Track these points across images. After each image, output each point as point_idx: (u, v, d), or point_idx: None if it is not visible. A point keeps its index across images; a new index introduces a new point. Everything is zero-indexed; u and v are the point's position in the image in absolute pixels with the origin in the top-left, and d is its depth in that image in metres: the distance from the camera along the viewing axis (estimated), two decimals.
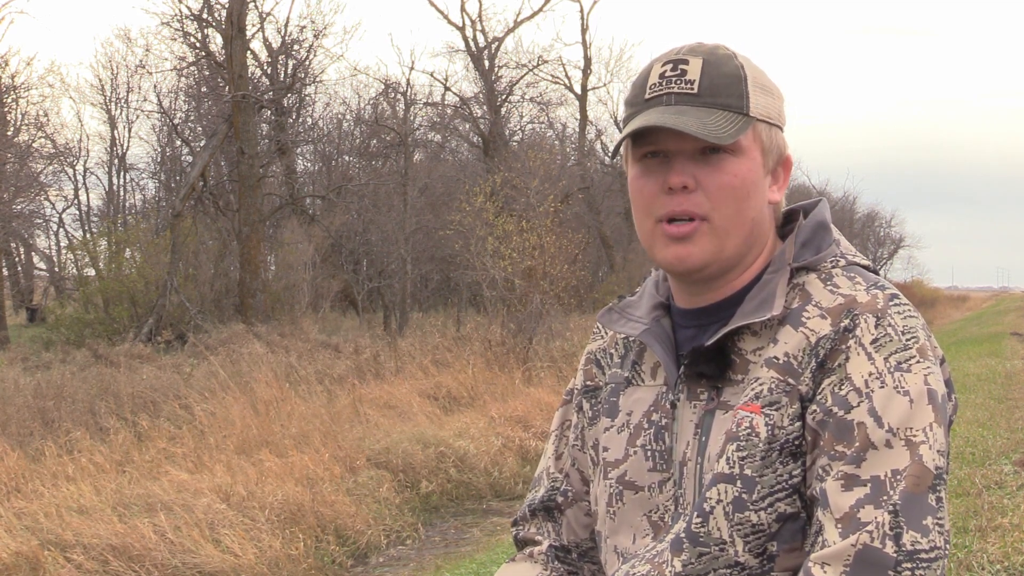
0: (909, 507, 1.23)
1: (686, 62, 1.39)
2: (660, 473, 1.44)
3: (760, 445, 1.31)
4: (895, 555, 1.21)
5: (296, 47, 26.51)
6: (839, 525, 1.24)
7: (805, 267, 1.40)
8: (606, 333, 1.62)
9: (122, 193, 35.49)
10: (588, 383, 1.61)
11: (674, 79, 1.38)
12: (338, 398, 10.82)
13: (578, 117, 35.06)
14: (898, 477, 1.24)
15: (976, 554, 4.98)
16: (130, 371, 12.84)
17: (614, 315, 1.55)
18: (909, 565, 1.22)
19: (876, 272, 1.42)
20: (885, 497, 1.23)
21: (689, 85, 1.37)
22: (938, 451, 1.26)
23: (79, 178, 35.14)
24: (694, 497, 1.38)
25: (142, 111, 33.32)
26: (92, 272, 23.76)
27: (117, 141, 34.63)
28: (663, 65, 1.40)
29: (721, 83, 1.37)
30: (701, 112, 1.35)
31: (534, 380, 13.11)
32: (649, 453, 1.45)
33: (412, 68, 44.11)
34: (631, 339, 1.55)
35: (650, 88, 1.39)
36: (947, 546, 1.25)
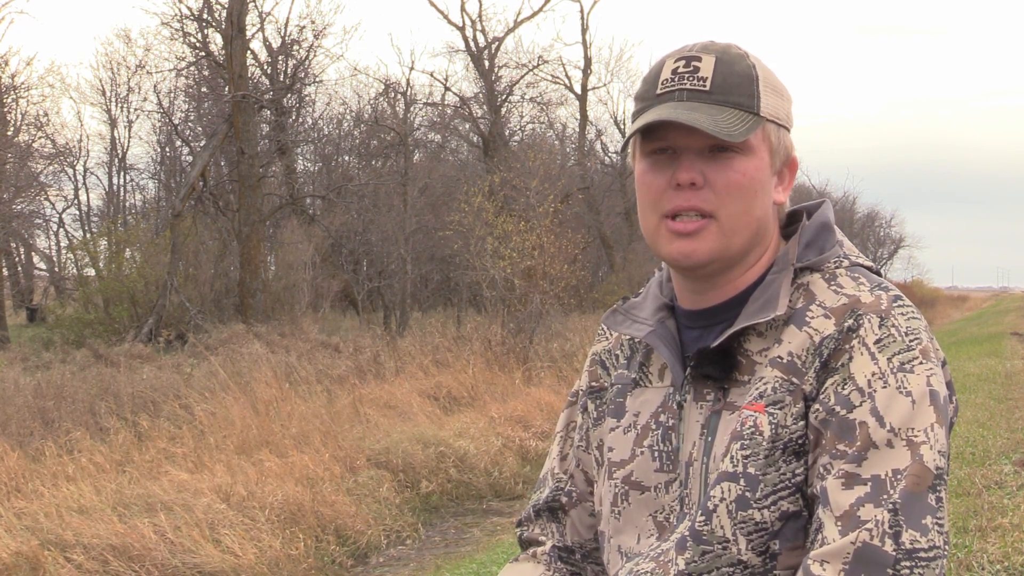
0: (909, 506, 1.23)
1: (699, 59, 1.39)
2: (666, 474, 1.44)
3: (764, 444, 1.32)
4: (894, 553, 1.22)
5: (296, 47, 26.53)
6: (839, 523, 1.25)
7: (809, 267, 1.41)
8: (610, 335, 1.62)
9: (122, 193, 35.55)
10: (593, 384, 1.61)
11: (686, 75, 1.38)
12: (338, 398, 10.81)
13: (578, 117, 35.11)
14: (898, 476, 1.24)
15: (976, 554, 4.98)
16: (130, 371, 12.84)
17: (619, 317, 1.55)
18: (908, 563, 1.22)
19: (879, 274, 1.43)
20: (885, 496, 1.24)
21: (701, 82, 1.37)
22: (939, 451, 1.27)
23: (79, 178, 35.22)
24: (699, 497, 1.38)
25: (142, 111, 33.42)
26: (92, 272, 23.78)
27: (117, 141, 34.70)
28: (676, 61, 1.40)
29: (733, 82, 1.37)
30: (713, 109, 1.35)
31: (534, 380, 13.11)
32: (656, 454, 1.45)
33: (412, 68, 44.26)
34: (637, 341, 1.55)
35: (662, 84, 1.39)
36: (946, 546, 1.25)
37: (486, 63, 32.17)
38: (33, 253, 33.80)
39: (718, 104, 1.36)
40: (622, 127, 36.08)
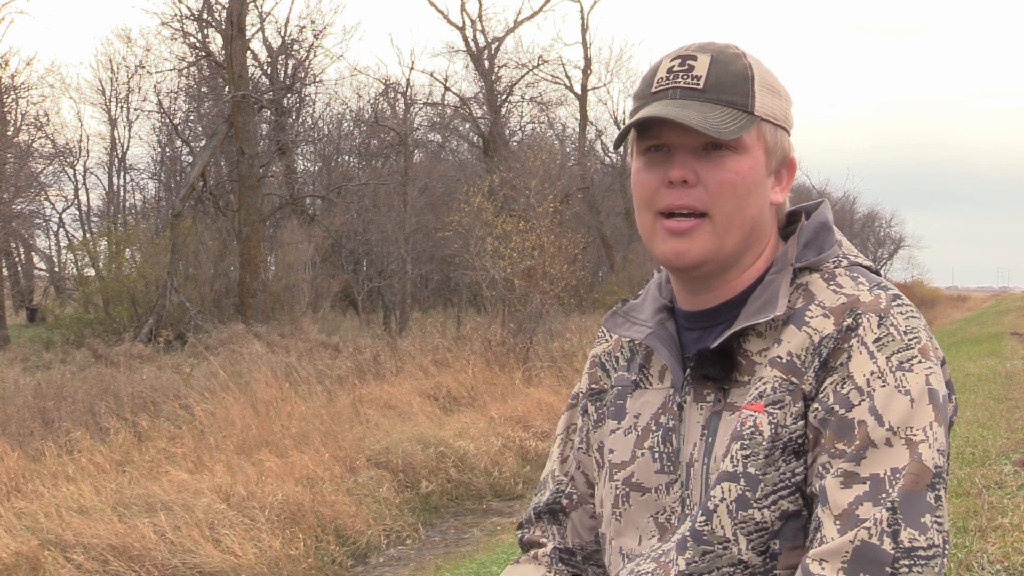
0: (907, 505, 1.23)
1: (694, 58, 1.40)
2: (667, 475, 1.44)
3: (764, 443, 1.32)
4: (893, 552, 1.22)
5: (296, 47, 26.53)
6: (838, 522, 1.25)
7: (808, 267, 1.41)
8: (610, 337, 1.62)
9: (122, 193, 35.53)
10: (593, 386, 1.61)
11: (681, 74, 1.39)
12: (338, 398, 10.82)
13: (578, 117, 35.11)
14: (897, 475, 1.24)
15: (976, 554, 4.98)
16: (130, 371, 12.84)
17: (618, 319, 1.56)
18: (907, 562, 1.22)
19: (878, 273, 1.43)
20: (884, 495, 1.24)
21: (696, 81, 1.38)
22: (938, 450, 1.27)
23: (79, 178, 35.22)
24: (700, 498, 1.38)
25: (142, 111, 33.39)
26: (92, 272, 23.77)
27: (117, 141, 34.67)
28: (672, 60, 1.41)
29: (728, 81, 1.38)
30: (705, 107, 1.36)
31: (534, 380, 13.11)
32: (657, 455, 1.46)
33: (412, 68, 44.19)
34: (636, 343, 1.55)
35: (657, 82, 1.40)
36: (946, 545, 1.25)
37: (486, 63, 32.18)
38: (33, 253, 33.80)
39: (711, 102, 1.37)
40: (622, 127, 35.99)
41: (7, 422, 9.11)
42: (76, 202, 35.19)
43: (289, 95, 26.51)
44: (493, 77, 32.22)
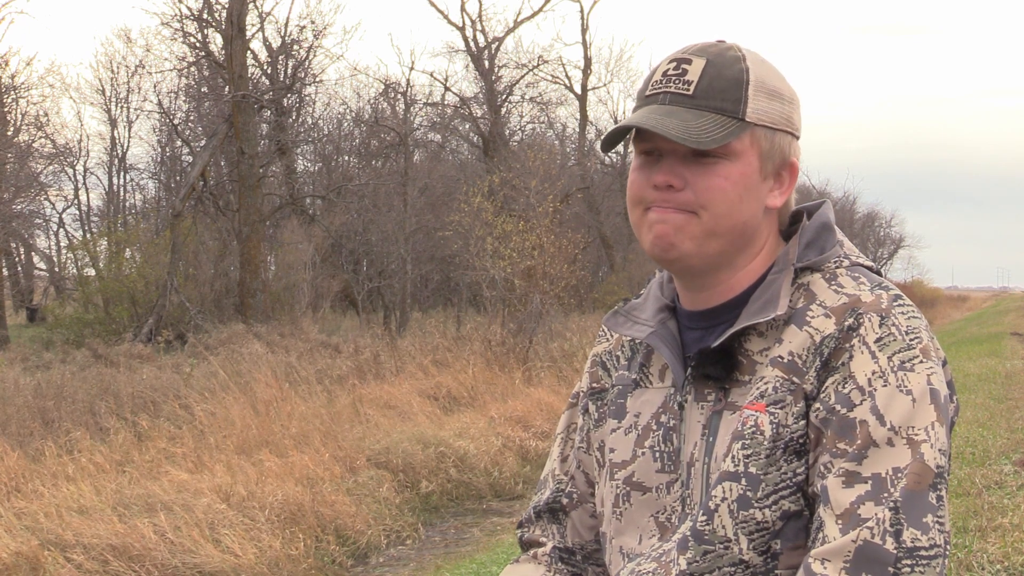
0: (909, 504, 1.23)
1: (689, 62, 1.39)
2: (668, 474, 1.44)
3: (765, 443, 1.32)
4: (895, 551, 1.22)
5: (296, 47, 26.54)
6: (839, 521, 1.25)
7: (809, 267, 1.41)
8: (611, 336, 1.62)
9: (122, 193, 35.55)
10: (594, 385, 1.61)
11: (673, 79, 1.39)
12: (338, 398, 10.81)
13: (578, 117, 35.12)
14: (899, 475, 1.24)
15: (976, 554, 4.98)
16: (130, 371, 12.84)
17: (620, 318, 1.56)
18: (909, 562, 1.22)
19: (879, 273, 1.43)
20: (886, 494, 1.24)
21: (686, 86, 1.38)
22: (939, 450, 1.27)
23: (79, 178, 35.26)
24: (701, 497, 1.38)
25: (142, 111, 33.43)
26: (92, 272, 23.78)
27: (117, 141, 34.70)
28: (668, 63, 1.41)
29: (719, 86, 1.37)
30: (691, 114, 1.36)
31: (534, 380, 13.10)
32: (657, 454, 1.46)
33: (412, 68, 44.21)
34: (637, 342, 1.55)
35: (652, 85, 1.41)
36: (947, 545, 1.25)
37: (486, 63, 32.19)
38: (33, 253, 33.81)
39: (699, 108, 1.36)
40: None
41: (7, 422, 9.11)
42: (76, 202, 35.26)
43: (289, 95, 26.52)
44: (493, 77, 32.24)
